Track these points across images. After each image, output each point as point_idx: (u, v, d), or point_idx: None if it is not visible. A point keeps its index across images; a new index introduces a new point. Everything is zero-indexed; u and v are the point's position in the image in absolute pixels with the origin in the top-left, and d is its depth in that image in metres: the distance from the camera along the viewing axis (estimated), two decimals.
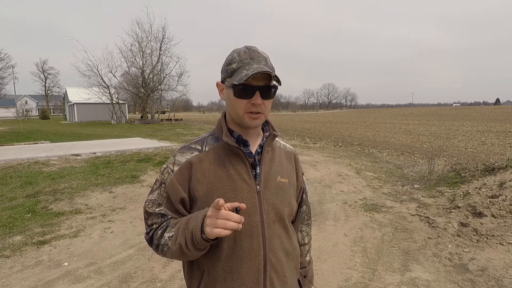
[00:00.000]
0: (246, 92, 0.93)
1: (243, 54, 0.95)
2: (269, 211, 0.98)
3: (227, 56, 0.99)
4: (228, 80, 0.96)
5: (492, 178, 4.92)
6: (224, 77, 0.98)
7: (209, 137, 1.05)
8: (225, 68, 0.97)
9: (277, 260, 1.00)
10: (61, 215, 4.67)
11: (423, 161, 9.21)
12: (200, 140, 1.04)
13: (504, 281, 2.81)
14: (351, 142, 17.04)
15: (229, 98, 0.97)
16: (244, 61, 0.93)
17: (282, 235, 1.03)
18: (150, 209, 1.00)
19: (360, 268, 3.18)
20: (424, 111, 67.89)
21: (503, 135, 18.52)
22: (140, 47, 30.20)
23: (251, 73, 0.89)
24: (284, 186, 1.05)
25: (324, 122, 37.85)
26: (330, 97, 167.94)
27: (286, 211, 1.04)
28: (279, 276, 1.00)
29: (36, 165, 7.75)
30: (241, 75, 0.91)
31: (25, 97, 70.70)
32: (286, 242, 1.04)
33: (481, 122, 29.68)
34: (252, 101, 0.94)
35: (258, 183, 0.99)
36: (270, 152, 1.06)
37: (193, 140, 1.06)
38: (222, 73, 0.99)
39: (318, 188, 6.16)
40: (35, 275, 3.05)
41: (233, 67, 0.94)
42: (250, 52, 0.95)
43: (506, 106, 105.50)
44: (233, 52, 0.98)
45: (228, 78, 0.96)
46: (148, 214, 1.01)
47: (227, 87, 0.96)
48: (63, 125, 29.62)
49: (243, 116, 0.96)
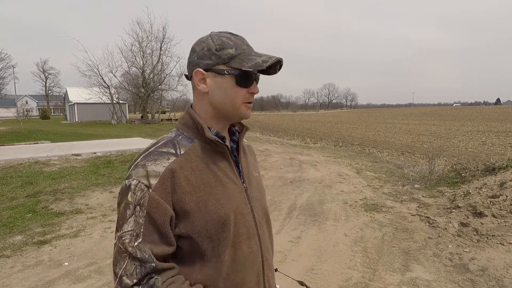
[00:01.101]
0: (249, 80, 0.85)
1: (234, 39, 0.85)
2: (257, 208, 0.96)
3: (204, 42, 0.86)
4: (222, 67, 0.84)
5: (493, 178, 4.91)
6: (213, 63, 0.84)
7: (178, 137, 0.87)
8: (214, 53, 0.83)
9: (270, 257, 0.99)
10: (62, 215, 4.68)
11: (423, 161, 9.21)
12: (169, 142, 0.86)
13: (504, 281, 2.80)
14: (352, 142, 17.03)
15: (225, 87, 0.85)
16: (242, 47, 0.85)
17: (268, 230, 1.02)
18: (130, 245, 0.76)
19: (360, 268, 3.18)
20: (424, 111, 67.85)
21: (504, 135, 18.50)
22: (141, 47, 30.19)
23: (272, 60, 0.82)
24: (260, 180, 1.04)
25: (324, 122, 37.84)
26: (331, 97, 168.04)
27: (267, 205, 1.04)
28: (271, 273, 0.99)
29: (36, 165, 7.75)
30: (256, 61, 0.82)
31: (25, 97, 70.78)
32: (270, 236, 1.04)
33: (482, 122, 29.66)
34: (251, 90, 0.87)
35: (243, 180, 0.94)
36: (243, 147, 1.03)
37: (158, 143, 0.86)
38: (207, 59, 0.84)
39: (318, 188, 6.15)
40: (36, 275, 3.05)
41: (230, 53, 0.83)
42: (240, 38, 0.87)
43: (506, 106, 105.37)
44: (215, 37, 0.86)
45: (221, 65, 0.84)
46: (128, 253, 0.76)
47: (222, 74, 0.84)
48: (63, 125, 29.64)
49: (240, 107, 0.87)
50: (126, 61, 29.84)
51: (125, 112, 35.42)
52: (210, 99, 0.87)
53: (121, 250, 0.77)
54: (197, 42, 0.88)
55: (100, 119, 36.04)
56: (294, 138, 18.53)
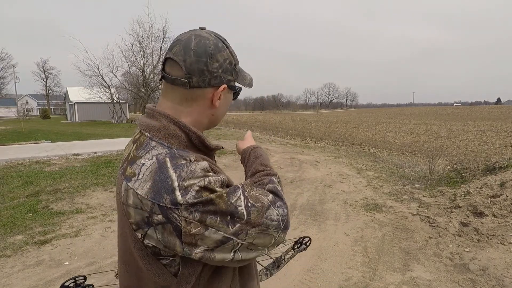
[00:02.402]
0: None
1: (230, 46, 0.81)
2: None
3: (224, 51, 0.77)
4: (235, 83, 0.83)
5: (493, 178, 4.91)
6: (233, 79, 0.81)
7: (173, 150, 0.72)
8: (234, 69, 0.80)
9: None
10: (62, 214, 4.68)
11: (423, 161, 9.21)
12: (175, 156, 0.71)
13: (505, 280, 2.80)
14: (352, 141, 17.03)
15: (228, 102, 0.85)
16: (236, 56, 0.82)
17: None
18: (266, 200, 0.74)
19: (360, 267, 3.18)
20: (425, 110, 67.79)
21: (504, 134, 18.49)
22: (141, 46, 30.17)
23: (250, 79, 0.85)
24: None
25: (324, 121, 37.83)
26: (331, 96, 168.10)
27: None
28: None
29: (37, 164, 7.76)
30: (249, 78, 0.85)
31: (26, 96, 70.83)
32: None
33: (482, 122, 29.63)
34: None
35: None
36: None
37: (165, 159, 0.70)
38: (229, 74, 0.79)
39: (318, 188, 6.15)
40: (36, 275, 3.05)
41: (239, 67, 0.82)
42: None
43: (507, 105, 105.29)
44: (227, 44, 0.80)
45: (235, 82, 0.83)
46: (265, 205, 0.72)
47: (232, 90, 0.82)
48: (64, 125, 29.65)
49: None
50: (126, 60, 29.82)
51: (126, 112, 35.42)
52: (215, 113, 0.82)
53: (260, 215, 0.70)
54: (217, 48, 0.75)
55: (101, 118, 36.06)
56: (295, 137, 18.52)
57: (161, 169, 0.67)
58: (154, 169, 0.68)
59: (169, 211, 0.64)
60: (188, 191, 0.64)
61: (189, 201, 0.64)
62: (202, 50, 0.73)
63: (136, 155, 0.73)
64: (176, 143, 0.75)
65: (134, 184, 0.69)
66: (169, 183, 0.65)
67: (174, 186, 0.65)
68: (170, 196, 0.64)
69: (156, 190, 0.65)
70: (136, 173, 0.70)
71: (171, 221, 0.64)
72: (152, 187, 0.66)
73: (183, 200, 0.64)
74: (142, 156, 0.72)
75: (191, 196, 0.64)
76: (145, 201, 0.66)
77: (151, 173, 0.68)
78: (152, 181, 0.67)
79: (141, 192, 0.67)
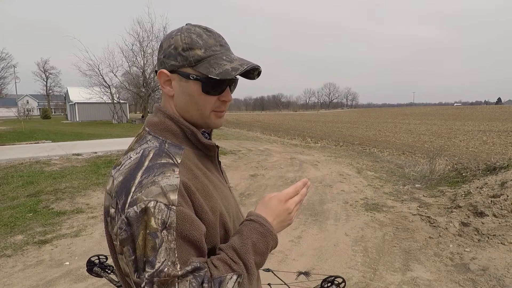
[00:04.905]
0: (218, 87, 0.75)
1: (206, 38, 0.74)
2: (239, 206, 0.94)
3: (172, 38, 0.74)
4: (189, 70, 0.73)
5: (494, 178, 4.91)
6: (178, 65, 0.73)
7: (164, 145, 0.73)
8: (180, 53, 0.73)
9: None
10: (63, 214, 4.68)
11: (424, 161, 9.21)
12: (161, 152, 0.71)
13: (505, 280, 2.80)
14: (352, 141, 17.03)
15: (191, 93, 0.75)
16: (214, 48, 0.74)
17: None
18: (173, 272, 0.60)
19: (361, 267, 3.18)
20: (425, 110, 67.79)
21: (505, 134, 18.48)
22: (141, 46, 30.16)
23: (244, 68, 0.72)
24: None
25: (325, 121, 37.84)
26: (331, 96, 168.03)
27: None
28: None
29: (37, 164, 7.76)
30: (224, 68, 0.71)
31: (26, 96, 70.88)
32: None
33: (483, 122, 29.61)
34: (222, 98, 0.77)
35: (225, 180, 0.91)
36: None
37: (148, 155, 0.69)
38: (173, 59, 0.73)
39: (319, 188, 6.15)
40: (37, 274, 3.06)
41: (198, 54, 0.72)
42: (214, 36, 0.75)
43: (507, 105, 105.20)
44: (185, 32, 0.74)
45: (188, 68, 0.73)
46: (174, 278, 0.61)
47: (186, 79, 0.74)
48: (64, 125, 29.67)
49: (209, 116, 0.78)
50: (126, 60, 29.79)
51: (126, 111, 35.46)
52: (176, 104, 0.78)
53: (164, 283, 0.60)
54: (166, 37, 0.76)
55: (101, 118, 36.07)
56: (295, 137, 18.53)
57: (136, 167, 0.68)
58: (133, 165, 0.68)
59: (117, 212, 0.65)
60: (133, 205, 0.62)
61: (127, 216, 0.62)
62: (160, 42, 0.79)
63: (132, 147, 0.76)
64: (171, 137, 0.76)
65: (115, 173, 0.70)
66: (129, 186, 0.65)
67: (130, 191, 0.64)
68: (124, 199, 0.64)
69: (122, 187, 0.66)
70: (122, 163, 0.72)
71: (115, 221, 0.65)
72: (121, 182, 0.67)
73: (125, 212, 0.63)
74: (135, 148, 0.74)
75: (132, 212, 0.62)
76: (113, 192, 0.68)
77: (128, 168, 0.68)
78: (124, 177, 0.67)
79: (115, 182, 0.68)
